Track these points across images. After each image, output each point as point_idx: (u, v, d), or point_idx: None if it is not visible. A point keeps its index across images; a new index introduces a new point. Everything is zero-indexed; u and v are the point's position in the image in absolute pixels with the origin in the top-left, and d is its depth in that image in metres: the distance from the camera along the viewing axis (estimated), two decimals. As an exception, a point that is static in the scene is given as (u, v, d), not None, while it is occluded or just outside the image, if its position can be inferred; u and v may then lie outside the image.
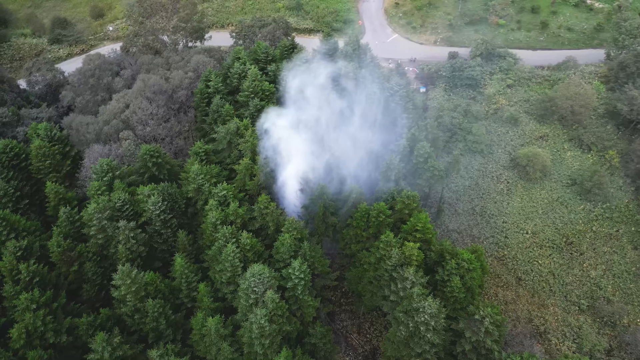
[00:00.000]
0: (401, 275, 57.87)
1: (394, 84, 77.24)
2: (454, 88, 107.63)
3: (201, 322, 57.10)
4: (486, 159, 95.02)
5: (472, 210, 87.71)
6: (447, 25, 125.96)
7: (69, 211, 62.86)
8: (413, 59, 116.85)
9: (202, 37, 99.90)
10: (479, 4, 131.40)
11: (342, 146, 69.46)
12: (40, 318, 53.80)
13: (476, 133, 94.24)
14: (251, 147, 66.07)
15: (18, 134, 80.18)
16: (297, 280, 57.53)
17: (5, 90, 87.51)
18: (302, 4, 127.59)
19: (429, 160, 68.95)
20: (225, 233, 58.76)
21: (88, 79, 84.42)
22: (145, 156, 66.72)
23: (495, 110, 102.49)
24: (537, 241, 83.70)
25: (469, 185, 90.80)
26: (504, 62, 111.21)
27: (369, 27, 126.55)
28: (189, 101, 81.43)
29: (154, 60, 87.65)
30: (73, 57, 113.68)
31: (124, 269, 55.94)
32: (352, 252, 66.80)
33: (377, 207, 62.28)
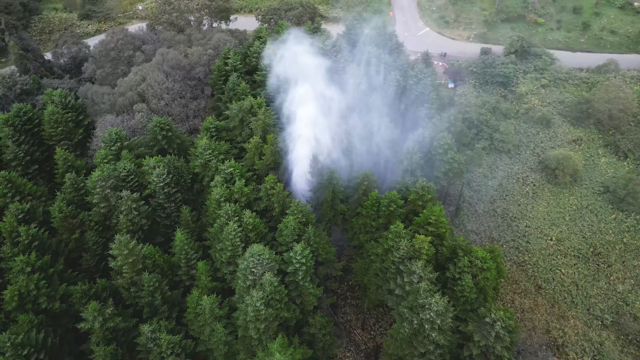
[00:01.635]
0: (408, 268, 54.37)
1: (417, 71, 73.55)
2: (484, 85, 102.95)
3: (196, 301, 55.10)
4: (512, 160, 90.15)
5: (493, 212, 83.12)
6: (482, 21, 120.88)
7: (74, 178, 61.94)
8: (443, 54, 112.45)
9: (227, 18, 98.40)
10: (517, 1, 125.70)
11: (358, 132, 66.37)
12: (34, 282, 52.76)
13: (504, 131, 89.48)
14: (262, 125, 63.74)
15: (37, 102, 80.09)
16: (298, 265, 54.77)
17: (29, 60, 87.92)
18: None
19: (449, 152, 65.07)
20: (228, 210, 56.56)
21: (109, 52, 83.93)
22: (156, 128, 65.31)
23: (526, 110, 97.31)
24: (562, 249, 78.52)
25: (492, 185, 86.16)
26: (539, 61, 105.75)
27: (400, 19, 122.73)
28: (207, 78, 79.85)
29: (176, 37, 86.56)
30: (101, 34, 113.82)
31: (122, 238, 54.38)
32: (360, 243, 63.65)
33: (389, 196, 58.96)
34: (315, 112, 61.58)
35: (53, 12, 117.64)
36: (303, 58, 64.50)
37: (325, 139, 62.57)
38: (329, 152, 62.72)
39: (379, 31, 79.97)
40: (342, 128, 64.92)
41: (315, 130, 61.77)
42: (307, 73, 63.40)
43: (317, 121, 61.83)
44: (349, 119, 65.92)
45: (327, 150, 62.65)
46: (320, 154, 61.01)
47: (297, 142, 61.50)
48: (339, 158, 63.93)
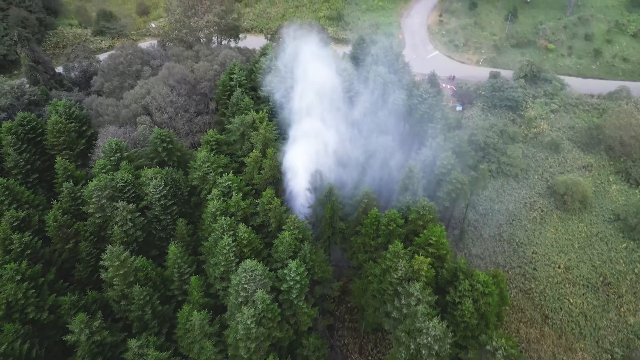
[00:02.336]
0: (406, 290, 52.36)
1: (422, 91, 72.77)
2: (493, 109, 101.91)
3: (186, 316, 53.50)
4: (520, 184, 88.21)
5: (499, 236, 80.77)
6: (492, 46, 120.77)
7: (72, 187, 61.45)
8: (452, 77, 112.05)
9: (236, 36, 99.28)
10: (528, 26, 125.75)
11: (360, 150, 65.35)
12: (22, 290, 51.71)
13: (511, 155, 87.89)
14: (263, 139, 63.06)
15: (44, 112, 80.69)
16: (292, 283, 53.08)
17: (40, 71, 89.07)
18: (343, 15, 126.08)
19: (453, 172, 63.57)
20: (223, 224, 55.40)
21: (118, 65, 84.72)
22: (156, 140, 64.97)
23: (535, 135, 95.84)
24: (570, 277, 75.62)
25: (498, 209, 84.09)
26: (549, 86, 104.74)
27: (409, 42, 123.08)
28: (212, 93, 79.92)
29: (184, 53, 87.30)
30: (114, 49, 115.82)
31: (114, 249, 53.33)
32: (359, 263, 61.86)
33: (388, 215, 57.42)
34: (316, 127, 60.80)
35: (68, 27, 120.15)
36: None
37: (326, 155, 61.53)
38: (329, 168, 61.59)
39: (385, 51, 79.70)
40: (344, 144, 63.89)
41: (315, 144, 60.84)
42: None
43: (317, 136, 60.95)
44: (350, 135, 64.93)
45: (327, 166, 61.52)
46: (320, 170, 59.82)
47: (297, 156, 60.52)
48: (339, 175, 62.75)
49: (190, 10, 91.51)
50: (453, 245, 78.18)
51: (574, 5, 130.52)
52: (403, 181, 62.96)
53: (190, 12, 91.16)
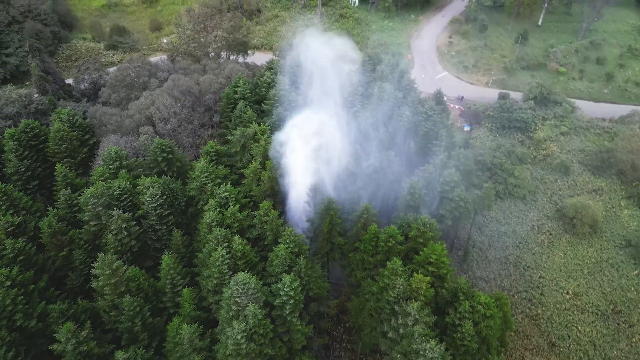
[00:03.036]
0: (404, 309, 50.36)
1: (428, 108, 71.81)
2: (501, 129, 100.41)
3: (176, 329, 51.93)
4: (528, 206, 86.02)
5: (505, 259, 78.32)
6: (502, 67, 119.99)
7: (69, 194, 61.05)
8: (460, 97, 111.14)
9: (244, 52, 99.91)
10: (539, 49, 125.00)
11: (361, 165, 64.19)
12: (11, 296, 50.73)
13: (519, 176, 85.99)
14: (263, 151, 62.32)
15: (50, 122, 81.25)
16: (286, 298, 51.38)
17: (49, 82, 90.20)
18: (353, 35, 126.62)
19: (456, 190, 61.98)
20: (217, 235, 54.23)
21: (125, 77, 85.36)
22: (156, 150, 64.58)
23: (544, 157, 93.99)
24: (579, 304, 72.64)
25: (504, 231, 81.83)
26: (559, 109, 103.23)
27: (418, 62, 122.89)
28: (216, 106, 79.87)
29: (192, 66, 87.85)
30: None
31: (105, 257, 52.33)
32: (357, 280, 60.03)
33: (388, 231, 55.82)
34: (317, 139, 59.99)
35: (82, 41, 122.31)
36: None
37: (326, 168, 60.47)
38: (328, 181, 60.44)
39: (390, 68, 79.27)
40: (345, 158, 62.83)
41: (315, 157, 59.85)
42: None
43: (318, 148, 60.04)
44: (352, 149, 63.91)
45: (327, 180, 60.39)
46: (319, 182, 58.73)
47: (296, 168, 59.53)
48: (339, 188, 61.52)
49: (200, 26, 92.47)
50: (457, 267, 75.95)
51: (586, 29, 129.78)
52: (404, 197, 61.52)
53: (199, 26, 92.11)
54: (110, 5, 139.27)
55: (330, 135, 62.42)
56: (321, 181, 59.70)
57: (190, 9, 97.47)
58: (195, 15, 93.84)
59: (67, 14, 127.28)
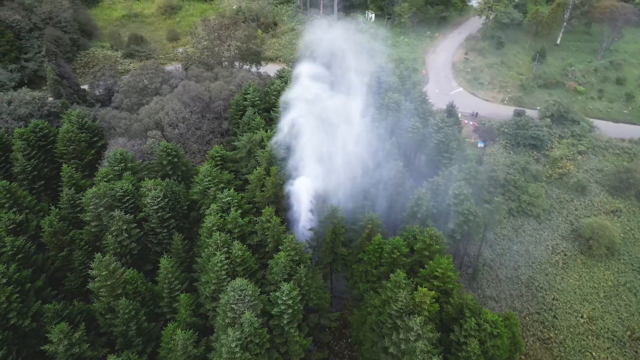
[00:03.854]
0: (406, 324, 48.15)
1: (439, 119, 70.32)
2: (516, 147, 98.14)
3: (171, 335, 50.51)
4: (542, 225, 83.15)
5: (516, 279, 75.39)
6: (518, 85, 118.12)
7: (72, 194, 60.69)
8: (474, 114, 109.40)
9: (258, 62, 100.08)
10: (556, 68, 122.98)
11: (368, 174, 62.71)
12: (6, 294, 49.99)
13: (533, 194, 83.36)
14: (268, 157, 61.35)
15: (62, 124, 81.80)
16: (284, 307, 49.66)
17: (64, 85, 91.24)
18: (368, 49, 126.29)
19: (465, 203, 59.96)
20: (217, 240, 53.03)
21: (137, 83, 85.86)
22: (162, 153, 64.14)
23: (560, 175, 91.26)
24: (594, 329, 69.22)
25: (516, 250, 79.00)
26: (577, 127, 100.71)
27: (433, 77, 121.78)
28: (226, 113, 79.55)
29: (204, 74, 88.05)
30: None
31: (102, 258, 51.48)
32: (359, 293, 58.02)
33: (392, 243, 53.94)
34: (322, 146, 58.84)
35: (100, 49, 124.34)
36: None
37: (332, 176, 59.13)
38: (334, 189, 59.00)
39: (402, 80, 78.22)
40: (352, 167, 61.44)
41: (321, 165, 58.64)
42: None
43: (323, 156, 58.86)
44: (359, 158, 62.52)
45: (332, 188, 58.95)
46: (324, 190, 57.34)
47: (301, 175, 58.30)
48: (345, 197, 60.02)
49: (213, 34, 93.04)
50: (466, 285, 73.34)
51: (606, 49, 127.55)
52: (411, 209, 59.72)
53: (213, 35, 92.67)
54: (131, 15, 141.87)
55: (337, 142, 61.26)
56: (326, 189, 58.21)
57: (205, 18, 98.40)
58: (210, 25, 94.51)
59: (88, 23, 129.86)
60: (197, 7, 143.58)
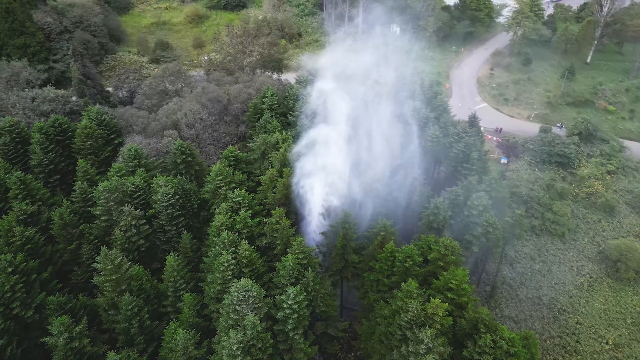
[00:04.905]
0: (416, 336, 45.55)
1: (460, 129, 68.18)
2: (541, 164, 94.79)
3: (172, 334, 49.05)
4: (567, 245, 79.38)
5: (537, 300, 71.71)
6: (545, 102, 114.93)
7: (85, 187, 60.53)
8: (498, 129, 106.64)
9: (279, 69, 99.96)
10: (586, 86, 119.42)
11: (383, 181, 60.84)
12: (10, 283, 49.52)
13: (558, 212, 79.77)
14: (282, 159, 60.16)
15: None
16: (289, 312, 47.72)
17: (88, 85, 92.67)
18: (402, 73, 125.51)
19: (485, 214, 57.35)
20: (224, 239, 51.71)
21: (159, 85, 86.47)
22: (176, 151, 63.68)
23: (587, 195, 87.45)
24: (620, 357, 64.95)
25: (539, 269, 75.41)
26: (606, 147, 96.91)
27: (456, 92, 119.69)
28: (244, 116, 79.09)
29: (224, 78, 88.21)
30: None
31: (108, 252, 50.66)
32: (369, 303, 55.66)
33: (406, 251, 51.63)
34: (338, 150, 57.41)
35: (127, 54, 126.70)
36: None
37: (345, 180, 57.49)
38: (348, 194, 57.28)
39: (423, 89, 76.64)
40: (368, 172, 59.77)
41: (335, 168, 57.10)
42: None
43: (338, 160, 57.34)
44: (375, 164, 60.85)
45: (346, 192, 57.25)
46: (337, 195, 55.69)
47: (314, 178, 56.81)
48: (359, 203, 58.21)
49: (236, 40, 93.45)
50: (483, 303, 70.04)
51: (638, 69, 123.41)
52: (427, 218, 57.43)
53: (235, 40, 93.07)
54: (159, 23, 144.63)
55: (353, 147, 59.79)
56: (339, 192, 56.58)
57: (230, 24, 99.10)
58: (234, 31, 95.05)
59: (117, 29, 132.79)
60: (223, 17, 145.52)
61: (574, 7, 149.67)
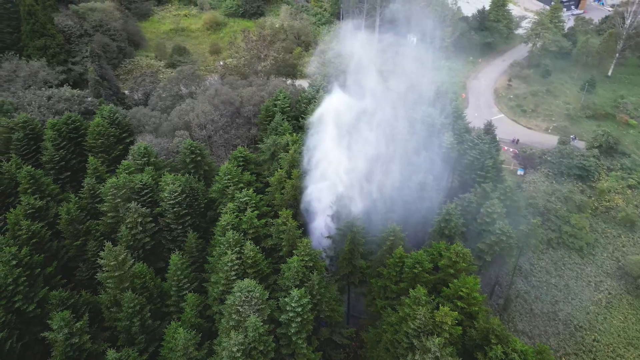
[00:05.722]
0: (423, 344, 43.77)
1: (475, 136, 66.59)
2: (559, 176, 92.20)
3: (173, 333, 47.99)
4: (585, 260, 76.62)
5: (553, 315, 69.03)
6: (565, 114, 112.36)
7: (93, 183, 60.37)
8: (515, 140, 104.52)
9: (293, 75, 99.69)
10: (607, 99, 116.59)
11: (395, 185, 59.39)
12: (13, 275, 49.19)
13: (576, 225, 77.17)
14: (291, 160, 59.26)
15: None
16: (293, 315, 46.37)
17: (104, 86, 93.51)
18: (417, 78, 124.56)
19: (498, 222, 55.45)
20: (229, 238, 50.75)
21: (174, 86, 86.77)
22: (186, 150, 63.30)
23: (607, 209, 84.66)
24: (640, 378, 61.89)
25: (555, 283, 72.78)
26: (627, 160, 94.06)
27: (473, 102, 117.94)
28: (255, 119, 78.66)
29: (238, 82, 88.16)
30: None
31: (113, 248, 50.07)
32: (376, 310, 53.96)
33: (415, 256, 50.06)
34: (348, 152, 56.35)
35: (145, 58, 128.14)
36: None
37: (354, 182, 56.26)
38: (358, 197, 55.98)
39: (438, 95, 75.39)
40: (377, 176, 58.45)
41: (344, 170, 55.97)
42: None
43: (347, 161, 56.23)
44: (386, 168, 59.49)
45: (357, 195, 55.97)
46: (346, 198, 54.45)
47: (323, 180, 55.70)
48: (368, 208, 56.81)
49: (251, 44, 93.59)
50: (496, 316, 67.51)
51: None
52: (439, 224, 55.76)
53: (250, 44, 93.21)
54: (178, 30, 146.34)
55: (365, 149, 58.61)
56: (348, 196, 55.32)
57: (246, 29, 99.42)
58: (250, 37, 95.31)
59: (136, 34, 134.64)
60: (241, 24, 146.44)
61: (595, 20, 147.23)
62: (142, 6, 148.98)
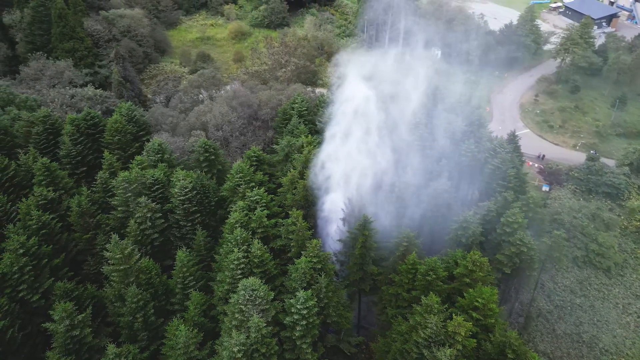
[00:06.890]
0: (433, 355, 41.22)
1: (497, 144, 64.17)
2: (587, 193, 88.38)
3: (174, 330, 46.58)
4: (612, 281, 72.52)
5: (577, 337, 65.10)
6: (594, 132, 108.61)
7: (106, 177, 60.18)
8: (541, 156, 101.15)
9: (314, 83, 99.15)
10: (638, 117, 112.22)
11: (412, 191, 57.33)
12: (19, 264, 48.80)
13: (604, 244, 73.25)
14: (304, 161, 57.94)
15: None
16: (298, 317, 44.49)
17: (127, 88, 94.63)
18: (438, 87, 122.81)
19: (519, 232, 52.66)
20: (237, 236, 49.41)
21: (194, 89, 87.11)
22: (200, 149, 62.74)
23: (637, 229, 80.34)
24: (672, 409, 57.32)
25: (579, 304, 68.87)
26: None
27: (497, 116, 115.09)
28: (273, 122, 77.98)
29: (258, 86, 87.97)
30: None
31: (120, 241, 49.30)
32: (387, 319, 51.56)
33: (429, 263, 47.76)
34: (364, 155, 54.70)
35: (169, 64, 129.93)
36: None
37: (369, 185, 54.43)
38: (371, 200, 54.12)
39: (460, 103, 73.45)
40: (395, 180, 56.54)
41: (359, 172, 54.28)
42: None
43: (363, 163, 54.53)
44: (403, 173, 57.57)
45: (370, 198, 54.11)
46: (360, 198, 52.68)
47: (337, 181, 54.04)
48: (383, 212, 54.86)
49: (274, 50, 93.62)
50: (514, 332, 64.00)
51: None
52: (455, 232, 53.31)
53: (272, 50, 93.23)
54: (203, 38, 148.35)
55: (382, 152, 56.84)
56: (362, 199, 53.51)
57: (269, 36, 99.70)
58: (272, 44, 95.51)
59: (163, 41, 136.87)
60: (265, 34, 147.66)
61: (627, 38, 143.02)
62: (170, 15, 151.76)
